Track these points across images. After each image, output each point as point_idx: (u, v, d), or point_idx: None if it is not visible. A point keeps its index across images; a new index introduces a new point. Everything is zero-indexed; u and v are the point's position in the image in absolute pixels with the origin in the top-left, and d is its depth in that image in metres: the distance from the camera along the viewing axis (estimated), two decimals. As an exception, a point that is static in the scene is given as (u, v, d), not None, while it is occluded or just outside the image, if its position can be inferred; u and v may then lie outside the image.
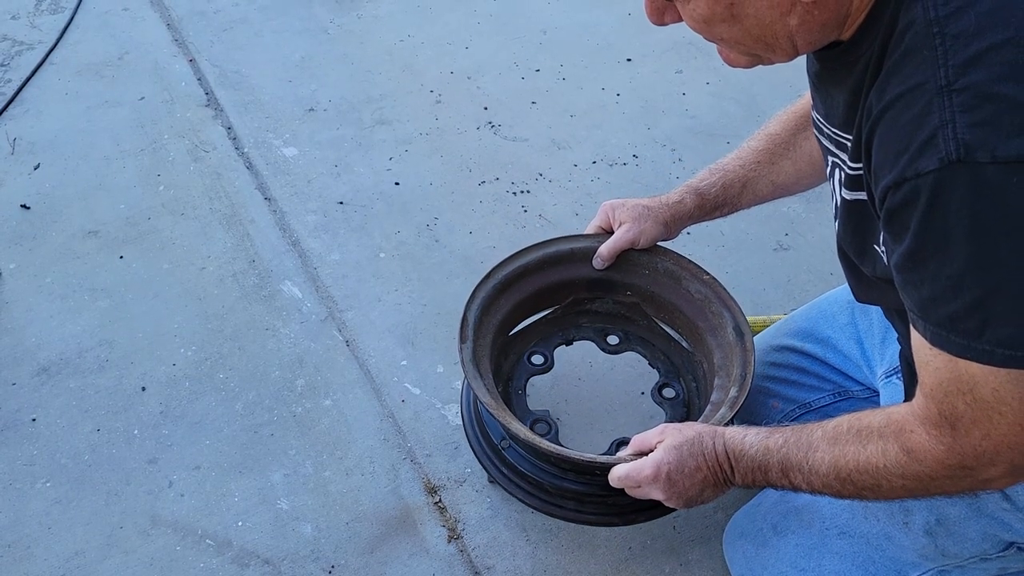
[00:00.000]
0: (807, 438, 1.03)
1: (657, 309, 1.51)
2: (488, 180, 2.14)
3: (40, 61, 2.42)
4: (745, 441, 1.09)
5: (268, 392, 1.65)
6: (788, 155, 1.37)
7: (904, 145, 0.82)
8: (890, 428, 0.95)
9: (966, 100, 0.78)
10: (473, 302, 1.39)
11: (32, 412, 1.60)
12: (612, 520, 1.33)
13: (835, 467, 0.99)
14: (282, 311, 1.80)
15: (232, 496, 1.50)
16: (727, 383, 1.31)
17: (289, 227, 1.99)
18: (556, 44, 2.62)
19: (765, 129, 1.41)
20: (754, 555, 1.25)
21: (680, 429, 1.15)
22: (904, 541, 1.14)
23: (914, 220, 0.82)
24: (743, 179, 1.40)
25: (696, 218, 1.43)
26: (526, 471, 1.32)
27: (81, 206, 2.01)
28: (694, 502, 1.16)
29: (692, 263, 1.46)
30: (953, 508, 1.10)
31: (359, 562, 1.42)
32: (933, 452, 0.90)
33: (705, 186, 1.42)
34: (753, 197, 1.42)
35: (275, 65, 2.47)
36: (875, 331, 1.33)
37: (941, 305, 0.83)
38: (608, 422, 1.62)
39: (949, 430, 0.88)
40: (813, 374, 1.40)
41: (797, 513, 1.23)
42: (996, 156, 0.76)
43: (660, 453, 1.14)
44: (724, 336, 1.37)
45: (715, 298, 1.41)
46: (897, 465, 0.93)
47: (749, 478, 1.09)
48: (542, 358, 1.53)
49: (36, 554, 1.41)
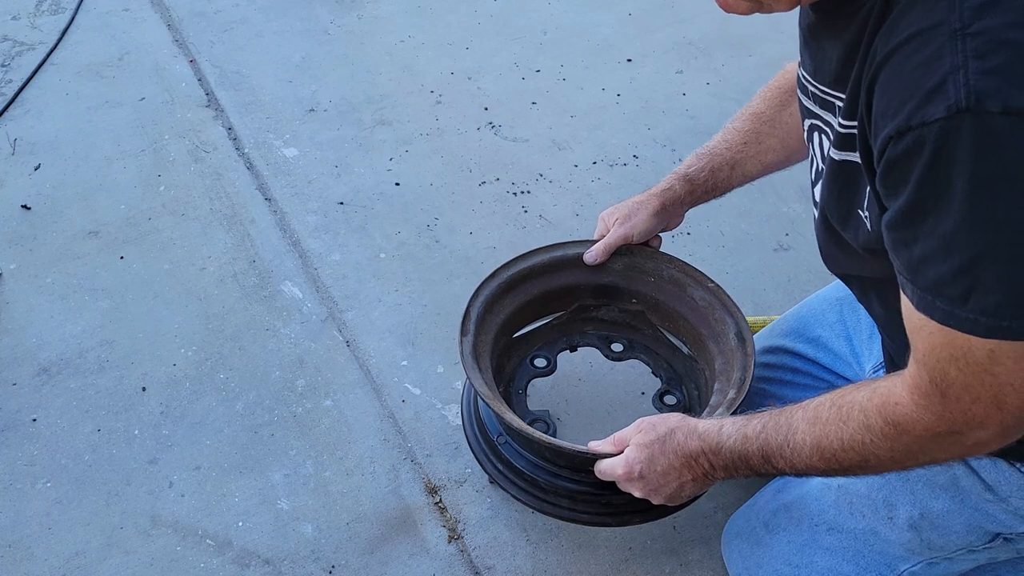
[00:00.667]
0: (787, 420, 1.01)
1: (662, 317, 1.51)
2: (488, 180, 2.15)
3: (41, 62, 2.42)
4: (722, 433, 1.06)
5: (268, 392, 1.65)
6: (775, 133, 1.36)
7: (910, 91, 0.77)
8: (873, 402, 0.92)
9: (980, 45, 0.74)
10: (477, 298, 1.39)
11: (33, 412, 1.60)
12: (606, 520, 1.33)
13: (818, 447, 0.96)
14: (282, 311, 1.81)
15: (232, 496, 1.50)
16: (726, 387, 1.31)
17: (289, 227, 1.99)
18: (556, 45, 2.62)
19: (749, 108, 1.39)
20: (749, 554, 1.26)
21: (654, 425, 1.13)
22: (890, 535, 1.13)
23: (915, 172, 0.77)
24: (731, 161, 1.39)
25: (689, 204, 1.43)
26: (521, 467, 1.33)
27: (81, 206, 2.02)
28: (676, 498, 1.14)
29: (697, 270, 1.45)
30: (936, 501, 1.09)
31: (359, 562, 1.42)
32: (922, 421, 0.87)
33: (693, 172, 1.41)
34: (743, 177, 1.41)
35: (276, 66, 2.47)
36: (863, 327, 1.33)
37: (931, 266, 0.79)
38: (608, 424, 1.62)
39: (939, 398, 0.85)
40: (806, 373, 1.40)
41: (787, 510, 1.23)
42: (1008, 106, 0.72)
43: (631, 451, 1.13)
44: (726, 342, 1.37)
45: (719, 305, 1.41)
46: (883, 438, 0.91)
47: (731, 469, 1.07)
48: (545, 361, 1.53)
49: (36, 554, 1.41)
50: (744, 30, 2.70)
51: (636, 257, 1.48)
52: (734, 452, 1.05)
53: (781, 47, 2.64)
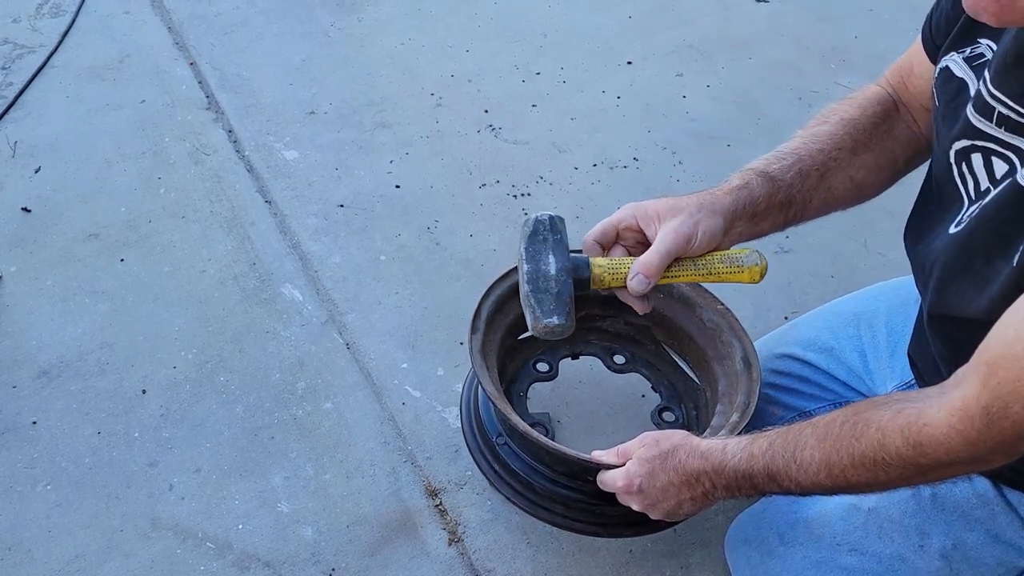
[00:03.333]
0: (794, 438, 0.99)
1: (668, 334, 1.50)
2: (489, 183, 2.15)
3: (41, 64, 2.42)
4: (726, 452, 1.04)
5: (269, 395, 1.65)
6: (871, 147, 1.17)
7: None
8: (896, 421, 0.89)
9: None
10: (488, 297, 1.38)
11: (32, 415, 1.60)
12: (597, 531, 1.33)
13: (826, 464, 0.94)
14: (283, 314, 1.80)
15: (232, 499, 1.50)
16: (729, 409, 1.30)
17: (290, 230, 1.99)
18: (557, 47, 2.62)
19: (836, 113, 1.19)
20: (759, 562, 1.24)
21: (657, 441, 1.12)
22: (918, 563, 1.11)
23: None
24: (822, 168, 1.14)
25: (761, 211, 1.13)
26: (518, 470, 1.32)
27: (82, 209, 2.01)
28: (674, 515, 1.14)
29: (708, 292, 1.44)
30: (971, 534, 1.08)
31: (360, 565, 1.42)
32: (947, 445, 0.85)
33: (777, 170, 1.14)
34: (826, 196, 1.17)
35: (276, 68, 2.47)
36: (881, 344, 1.32)
37: None
38: (607, 428, 1.62)
39: (982, 426, 0.81)
40: (815, 383, 1.38)
41: (806, 524, 1.20)
42: None
43: (633, 465, 1.12)
44: (731, 365, 1.36)
45: (727, 328, 1.40)
46: (897, 458, 0.89)
47: (734, 489, 1.05)
48: (547, 366, 1.53)
49: (36, 557, 1.41)
50: (745, 32, 2.70)
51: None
52: (738, 472, 1.03)
53: (781, 49, 2.65)
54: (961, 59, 1.01)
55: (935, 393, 0.88)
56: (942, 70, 1.05)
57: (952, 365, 1.05)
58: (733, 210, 1.12)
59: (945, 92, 1.03)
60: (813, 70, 2.57)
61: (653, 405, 1.52)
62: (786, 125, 2.37)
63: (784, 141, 1.20)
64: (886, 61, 1.29)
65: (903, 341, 1.26)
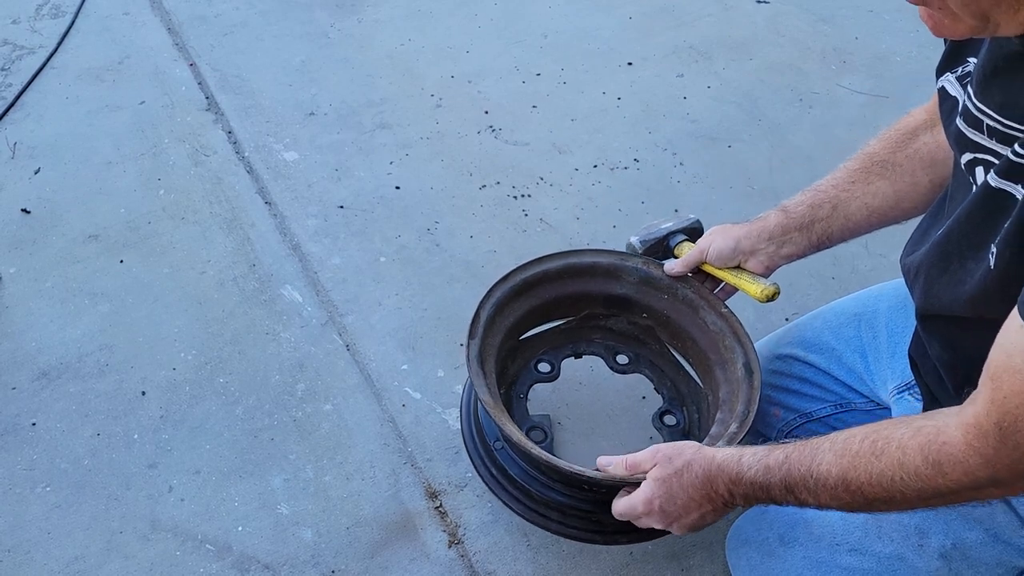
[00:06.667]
0: (811, 452, 0.99)
1: (671, 335, 1.50)
2: (489, 184, 2.14)
3: (41, 65, 2.42)
4: (742, 463, 1.05)
5: (268, 396, 1.65)
6: (886, 175, 1.28)
7: None
8: (916, 440, 0.90)
9: None
10: (488, 300, 1.38)
11: (32, 416, 1.60)
12: (594, 538, 1.32)
13: (844, 479, 0.95)
14: (282, 315, 1.80)
15: (232, 501, 1.49)
16: (728, 418, 1.30)
17: (289, 231, 1.99)
18: (557, 48, 2.62)
19: (864, 149, 1.32)
20: (759, 563, 1.24)
21: (670, 458, 1.12)
22: (917, 563, 1.12)
23: None
24: (833, 199, 1.30)
25: (777, 237, 1.34)
26: (515, 475, 1.32)
27: (81, 210, 2.01)
28: (697, 527, 1.14)
29: (712, 295, 1.44)
30: (970, 533, 1.09)
31: (359, 567, 1.42)
32: (965, 464, 0.86)
33: (791, 203, 1.34)
34: (845, 221, 1.31)
35: (276, 69, 2.47)
36: (882, 345, 1.32)
37: None
38: (608, 429, 1.62)
39: (996, 442, 0.83)
40: (816, 384, 1.39)
41: (806, 525, 1.21)
42: None
43: (649, 487, 1.13)
44: (733, 371, 1.36)
45: (730, 332, 1.40)
46: (916, 478, 0.89)
47: (751, 499, 1.06)
48: (549, 366, 1.53)
49: (36, 559, 1.41)
50: (745, 33, 2.70)
51: (654, 272, 1.47)
52: (755, 483, 1.04)
53: (781, 51, 2.65)
54: (954, 78, 1.04)
55: (953, 412, 0.89)
56: (939, 90, 1.08)
57: (949, 365, 1.07)
58: (746, 235, 1.36)
59: (943, 111, 1.07)
60: (814, 71, 2.57)
61: (654, 408, 1.52)
62: (786, 126, 2.39)
63: (786, 143, 1.32)
64: (886, 62, 1.30)
65: (903, 341, 1.26)
